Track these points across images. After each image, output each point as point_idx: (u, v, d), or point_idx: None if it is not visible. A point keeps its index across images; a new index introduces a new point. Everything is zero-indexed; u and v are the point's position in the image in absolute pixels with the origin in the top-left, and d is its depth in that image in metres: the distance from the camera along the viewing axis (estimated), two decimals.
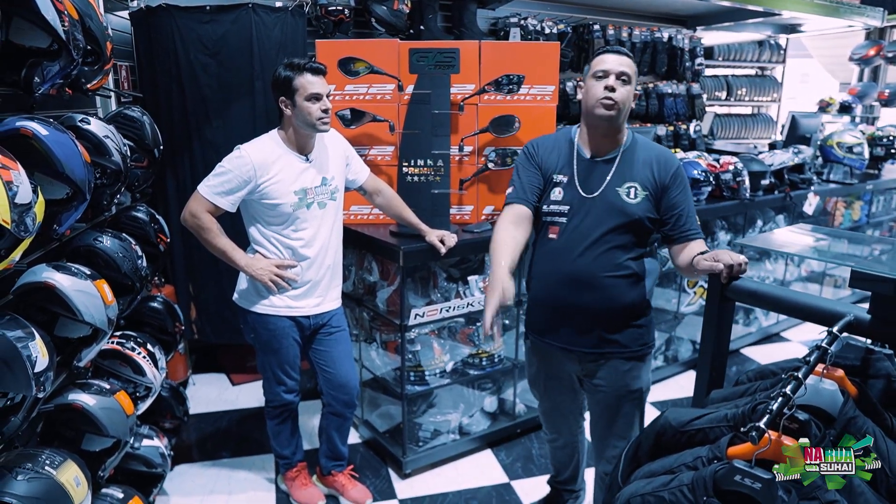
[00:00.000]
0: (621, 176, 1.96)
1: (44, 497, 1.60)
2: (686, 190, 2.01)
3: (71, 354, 1.96)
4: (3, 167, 1.48)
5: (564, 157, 2.04)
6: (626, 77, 1.90)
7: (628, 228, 1.94)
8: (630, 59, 1.94)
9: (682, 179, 2.00)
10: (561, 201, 2.00)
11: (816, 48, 9.41)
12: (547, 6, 4.89)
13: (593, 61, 1.95)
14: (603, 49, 1.97)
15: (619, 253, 1.95)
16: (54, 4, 1.72)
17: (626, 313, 2.01)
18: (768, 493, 1.13)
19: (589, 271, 1.95)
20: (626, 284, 1.97)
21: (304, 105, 2.25)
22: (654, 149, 2.03)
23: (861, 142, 4.49)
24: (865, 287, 1.28)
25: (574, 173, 2.00)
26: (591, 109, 1.93)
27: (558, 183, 2.02)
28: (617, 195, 1.94)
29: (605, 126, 1.95)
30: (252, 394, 3.66)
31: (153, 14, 3.20)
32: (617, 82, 1.89)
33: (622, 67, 1.90)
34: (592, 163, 2.00)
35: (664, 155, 2.01)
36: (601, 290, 1.96)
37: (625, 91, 1.90)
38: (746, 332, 4.43)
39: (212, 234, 2.32)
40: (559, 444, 2.44)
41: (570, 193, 1.99)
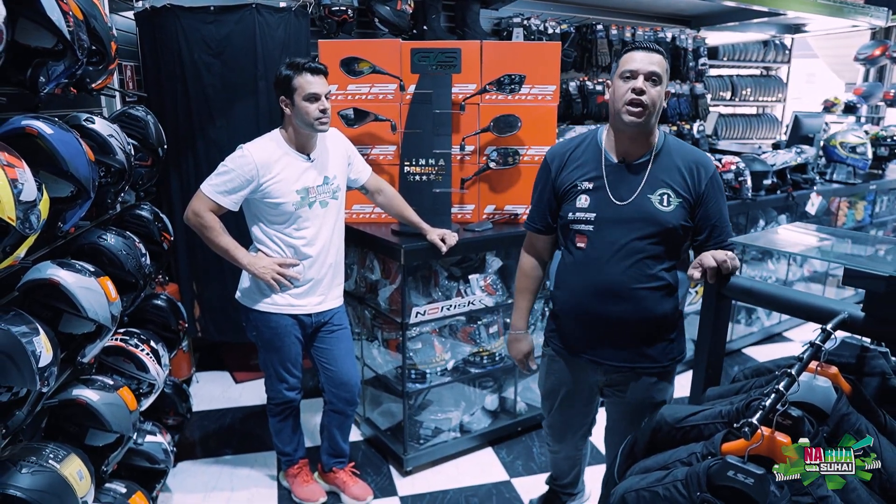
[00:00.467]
0: (653, 182, 1.85)
1: (47, 490, 1.62)
2: (722, 197, 1.90)
3: (75, 350, 1.99)
4: (9, 165, 1.50)
5: (591, 163, 1.92)
6: (657, 77, 1.78)
7: (661, 238, 1.84)
8: (661, 55, 1.81)
9: (719, 186, 1.89)
10: (587, 209, 1.90)
11: (822, 48, 9.37)
12: (550, 6, 4.90)
13: (621, 59, 1.83)
14: (632, 45, 1.83)
15: (652, 263, 1.85)
16: (59, 5, 1.75)
17: (659, 326, 1.92)
18: (761, 489, 1.14)
19: (620, 282, 1.86)
20: (658, 296, 1.88)
21: (302, 105, 2.27)
22: (689, 152, 1.91)
23: (864, 142, 4.49)
24: (858, 284, 1.29)
25: (603, 179, 1.89)
26: (618, 113, 1.81)
27: (584, 190, 1.91)
28: (649, 202, 1.84)
29: (634, 130, 1.83)
30: (255, 391, 3.68)
31: (158, 14, 3.23)
32: (646, 84, 1.77)
33: (652, 66, 1.77)
34: (622, 168, 1.88)
35: (701, 159, 1.89)
36: (633, 301, 1.87)
37: (654, 92, 1.78)
38: (748, 331, 4.42)
39: (214, 232, 2.34)
40: (561, 455, 2.40)
41: (598, 200, 1.89)
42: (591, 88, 4.99)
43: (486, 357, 3.08)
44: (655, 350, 1.94)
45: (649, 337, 1.92)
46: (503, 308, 3.10)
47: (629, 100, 1.77)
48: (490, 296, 2.98)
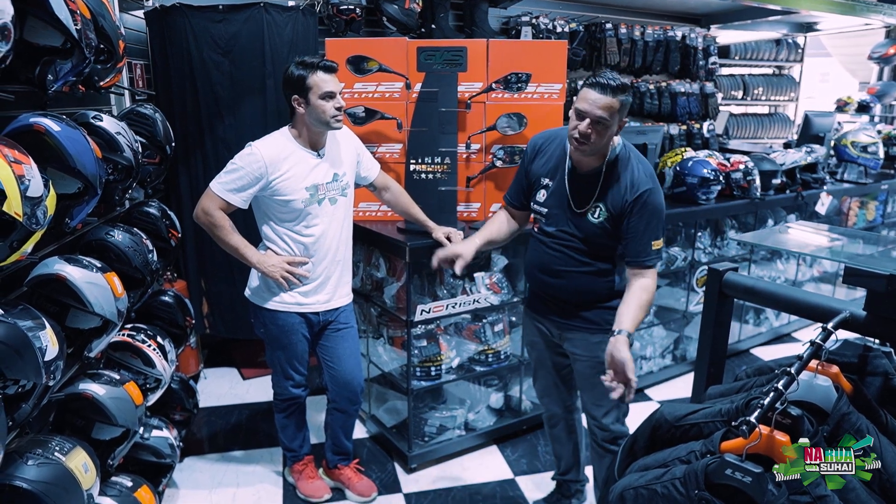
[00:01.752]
0: (594, 195, 2.07)
1: (53, 482, 1.64)
2: (646, 218, 2.02)
3: (82, 345, 2.01)
4: (16, 161, 1.52)
5: (555, 164, 2.16)
6: (605, 122, 1.90)
7: (590, 243, 2.11)
8: (615, 96, 1.89)
9: (644, 206, 2.01)
10: (542, 203, 2.19)
11: (835, 47, 9.28)
12: (559, 5, 4.90)
13: (580, 91, 1.95)
14: (590, 81, 1.93)
15: (583, 256, 2.13)
16: (67, 4, 1.76)
17: (595, 298, 2.17)
18: (758, 487, 1.14)
19: (554, 264, 2.16)
20: (591, 277, 2.15)
21: (318, 103, 2.27)
22: (633, 170, 2.04)
23: (876, 141, 4.45)
24: (859, 283, 1.27)
25: (557, 182, 2.14)
26: (569, 139, 2.01)
27: (545, 186, 2.18)
28: (584, 213, 2.09)
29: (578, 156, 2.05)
30: (262, 388, 3.71)
31: (167, 13, 3.26)
32: (590, 128, 1.91)
33: (599, 112, 1.89)
34: (576, 176, 2.11)
35: (637, 179, 2.02)
36: (566, 279, 2.16)
37: (596, 136, 1.92)
38: (757, 331, 4.40)
39: (224, 231, 2.35)
40: (556, 420, 2.53)
41: (550, 199, 2.16)
42: None
43: (491, 355, 3.08)
44: (594, 314, 2.18)
45: (587, 305, 2.19)
46: (508, 306, 3.10)
47: (575, 136, 1.95)
48: (495, 294, 2.98)
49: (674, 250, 3.76)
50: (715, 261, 3.87)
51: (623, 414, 2.32)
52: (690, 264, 3.82)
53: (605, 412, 2.28)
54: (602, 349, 2.14)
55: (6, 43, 1.52)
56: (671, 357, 3.94)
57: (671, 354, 3.95)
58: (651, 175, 2.06)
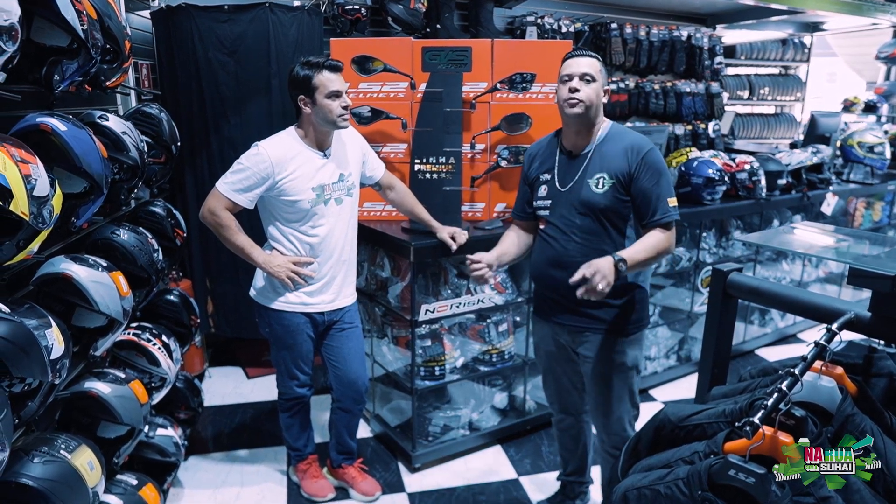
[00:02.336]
0: (593, 168, 2.11)
1: (58, 479, 1.65)
2: (655, 175, 2.07)
3: (88, 344, 2.03)
4: (23, 161, 1.53)
5: (549, 157, 2.24)
6: (590, 77, 2.04)
7: (597, 217, 2.10)
8: (594, 59, 2.07)
9: (651, 165, 2.07)
10: (545, 197, 2.22)
11: (841, 46, 9.25)
12: (564, 5, 4.89)
13: (561, 67, 2.11)
14: (567, 54, 2.11)
15: (594, 239, 2.11)
16: (73, 4, 1.77)
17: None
18: (762, 488, 1.13)
19: (565, 254, 2.15)
20: None
21: (324, 103, 2.27)
22: (628, 137, 2.12)
23: (882, 141, 4.43)
24: (863, 284, 1.27)
25: (554, 171, 2.20)
26: (562, 109, 2.10)
27: (544, 181, 2.23)
28: (587, 187, 2.11)
29: (577, 123, 2.10)
30: (267, 387, 3.72)
31: (173, 13, 3.27)
32: (580, 83, 2.03)
33: (584, 68, 2.04)
34: (569, 159, 2.18)
35: (636, 142, 2.10)
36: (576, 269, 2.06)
37: (589, 90, 2.04)
38: (762, 332, 4.39)
39: (230, 231, 2.35)
40: (565, 424, 2.51)
41: (552, 189, 2.20)
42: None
43: (495, 355, 3.08)
44: (605, 313, 2.17)
45: (597, 302, 2.08)
46: (513, 306, 3.10)
47: (566, 97, 2.06)
48: (500, 294, 2.98)
49: (678, 250, 3.75)
50: (720, 261, 3.86)
51: (633, 418, 2.31)
52: (695, 265, 3.81)
53: (614, 417, 2.26)
54: (615, 351, 2.20)
55: (13, 43, 1.53)
56: (676, 357, 3.93)
57: (675, 355, 3.94)
58: (647, 139, 2.13)
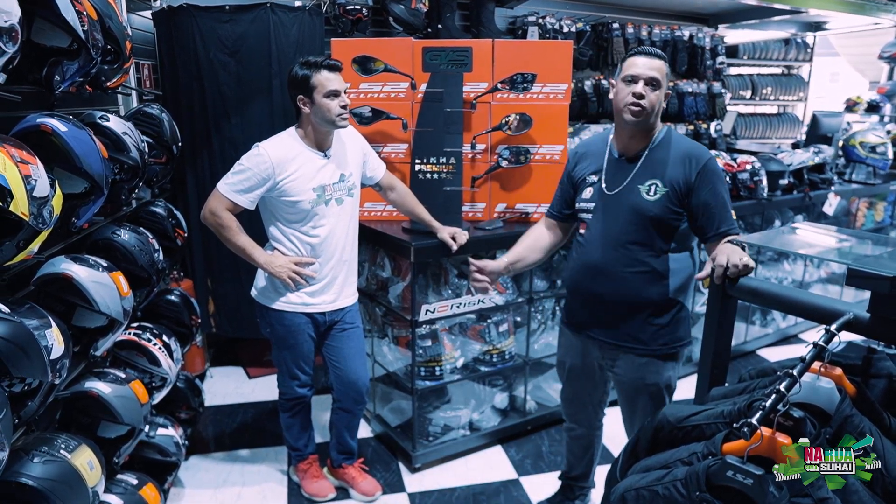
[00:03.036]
0: (645, 174, 2.00)
1: (58, 479, 1.66)
2: (716, 186, 1.97)
3: (88, 344, 2.03)
4: (22, 162, 1.53)
5: (598, 158, 2.13)
6: (656, 82, 1.92)
7: (646, 226, 1.98)
8: (662, 60, 1.95)
9: (711, 175, 1.97)
10: (589, 199, 2.10)
11: (844, 46, 9.21)
12: (566, 5, 4.88)
13: (624, 63, 1.98)
14: (634, 51, 1.99)
15: (638, 249, 2.00)
16: (74, 5, 1.78)
17: (644, 309, 2.04)
18: (759, 489, 1.13)
19: (607, 264, 2.03)
20: (644, 280, 2.01)
21: (323, 102, 2.28)
22: (685, 145, 2.03)
23: (885, 141, 4.41)
24: (862, 285, 1.27)
25: (603, 173, 2.09)
26: (620, 113, 1.97)
27: (591, 183, 2.11)
28: (637, 193, 1.99)
29: (634, 128, 1.99)
30: (268, 387, 3.72)
31: (174, 14, 3.27)
32: (646, 88, 1.92)
33: (652, 72, 1.92)
34: (620, 162, 2.06)
35: (694, 150, 2.00)
36: (617, 282, 2.03)
37: (654, 96, 1.93)
38: (763, 332, 4.38)
39: (231, 231, 2.36)
40: (576, 433, 2.47)
41: (597, 192, 2.08)
42: (606, 87, 4.96)
43: (496, 355, 3.08)
44: (644, 333, 2.06)
45: (636, 319, 2.05)
46: (513, 307, 3.10)
47: (630, 102, 1.93)
48: (500, 294, 2.98)
49: None
50: None
51: None
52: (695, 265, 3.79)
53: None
54: (649, 371, 2.09)
55: (14, 44, 1.54)
56: None
57: None
58: (704, 147, 2.05)
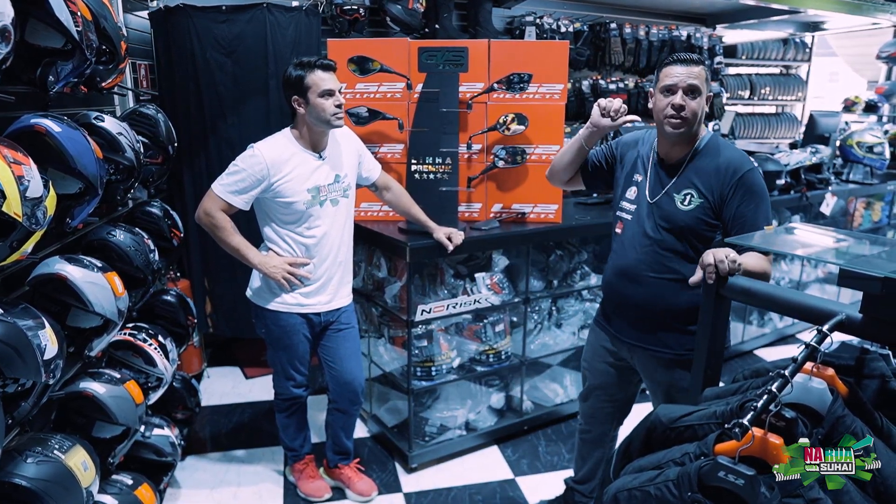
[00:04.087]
0: (682, 183, 1.97)
1: (52, 479, 1.66)
2: (753, 199, 1.90)
3: (83, 344, 2.03)
4: (15, 162, 1.53)
5: (643, 159, 2.10)
6: (696, 90, 1.87)
7: (679, 234, 1.96)
8: (700, 66, 1.89)
9: (749, 188, 1.90)
10: (633, 200, 2.08)
11: (841, 47, 9.23)
12: (563, 4, 4.88)
13: (661, 72, 1.93)
14: (669, 59, 1.92)
15: (671, 256, 1.98)
16: (68, 5, 1.77)
17: (671, 314, 2.02)
18: (751, 490, 1.13)
19: (637, 267, 2.04)
20: (673, 287, 1.99)
21: (317, 102, 2.28)
22: (725, 153, 1.96)
23: (882, 141, 4.42)
24: (854, 286, 1.27)
25: (646, 176, 2.06)
26: (661, 124, 1.94)
27: (636, 182, 2.08)
28: (671, 202, 1.97)
29: (675, 139, 1.95)
30: (265, 387, 3.72)
31: (171, 14, 3.27)
32: (685, 98, 1.87)
33: (691, 80, 1.87)
34: (661, 167, 2.04)
35: (733, 161, 1.93)
36: (646, 286, 2.03)
37: (694, 104, 1.88)
38: (760, 332, 4.38)
39: (226, 232, 2.36)
40: (589, 437, 2.45)
41: (639, 194, 2.07)
42: (604, 87, 4.96)
43: (492, 355, 3.08)
44: (670, 337, 2.04)
45: (663, 323, 2.04)
46: (509, 306, 3.10)
47: (670, 115, 1.89)
48: (496, 294, 2.98)
49: None
50: None
51: None
52: None
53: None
54: (680, 377, 2.06)
55: (6, 44, 1.54)
56: None
57: None
58: (747, 157, 1.98)
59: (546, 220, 3.04)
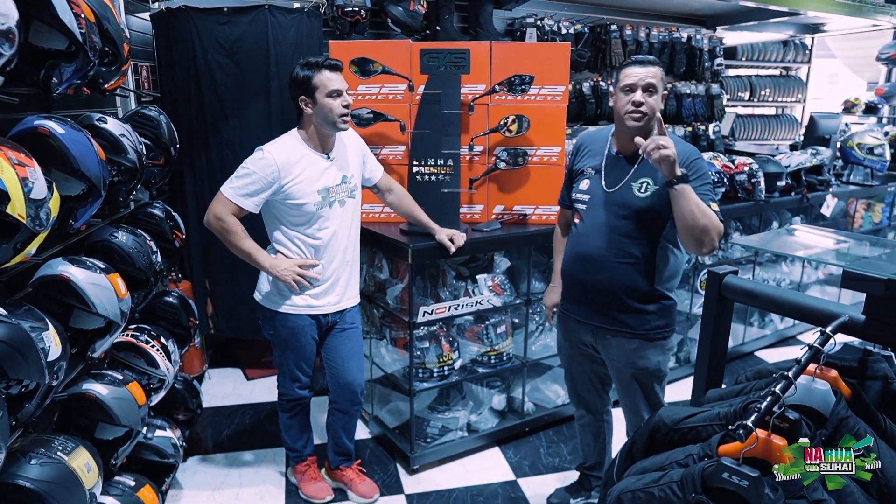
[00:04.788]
0: (639, 173, 2.11)
1: (55, 481, 1.66)
2: (700, 180, 2.05)
3: (85, 345, 2.03)
4: (20, 164, 1.53)
5: (598, 153, 2.24)
6: (653, 87, 2.03)
7: (636, 220, 2.10)
8: (657, 66, 2.06)
9: (696, 170, 2.06)
10: (585, 191, 2.22)
11: (840, 49, 9.22)
12: (564, 6, 4.89)
13: (621, 73, 2.08)
14: (628, 61, 2.09)
15: (628, 241, 2.12)
16: (71, 7, 1.78)
17: (631, 296, 2.16)
18: (755, 491, 1.13)
19: (597, 254, 2.16)
20: (632, 270, 2.14)
21: (325, 102, 2.27)
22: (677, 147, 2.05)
23: (882, 143, 4.42)
24: (857, 287, 1.27)
25: (602, 168, 2.19)
26: (621, 120, 2.08)
27: (588, 176, 2.23)
28: (630, 190, 2.11)
29: (635, 133, 2.06)
30: (266, 388, 3.72)
31: (173, 15, 3.28)
32: (644, 95, 2.02)
33: (648, 79, 2.02)
34: (618, 160, 2.17)
35: (683, 152, 2.08)
36: (606, 271, 2.15)
37: (652, 101, 2.04)
38: (761, 334, 4.38)
39: (237, 236, 2.34)
40: (585, 421, 2.56)
41: (594, 186, 2.20)
42: (604, 89, 4.97)
43: (493, 357, 3.08)
44: (631, 318, 2.18)
45: (623, 305, 2.17)
46: (511, 308, 3.10)
47: (630, 110, 2.04)
48: (498, 296, 2.98)
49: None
50: (719, 263, 3.86)
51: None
52: (694, 266, 3.81)
53: (638, 417, 2.30)
54: (638, 356, 2.21)
55: (10, 46, 1.54)
56: (675, 359, 3.93)
57: (675, 357, 3.93)
58: (694, 148, 2.15)
59: (547, 221, 3.04)
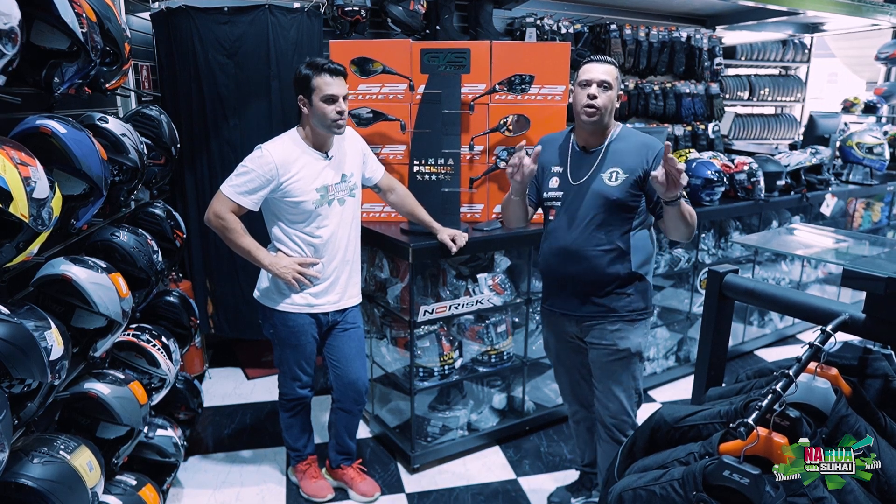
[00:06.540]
0: (607, 164, 2.22)
1: (57, 480, 1.66)
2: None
3: (87, 345, 2.03)
4: (22, 164, 1.54)
5: (561, 151, 2.32)
6: (607, 84, 2.15)
7: (610, 209, 2.19)
8: (613, 66, 2.18)
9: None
10: (557, 188, 2.30)
11: (839, 48, 9.23)
12: (563, 6, 4.89)
13: (579, 70, 2.21)
14: (587, 59, 2.21)
15: (604, 231, 2.21)
16: (73, 7, 1.78)
17: (611, 282, 2.25)
18: (756, 489, 1.14)
19: (574, 246, 2.24)
20: (610, 258, 2.22)
21: (319, 105, 2.28)
22: (640, 137, 2.26)
23: (881, 142, 4.43)
24: (857, 286, 1.28)
25: (567, 165, 2.29)
26: (578, 114, 2.20)
27: (555, 174, 2.31)
28: (600, 181, 2.20)
29: (592, 126, 2.20)
30: (266, 388, 3.73)
31: (173, 15, 3.28)
32: (598, 90, 2.14)
33: (603, 76, 2.14)
34: (582, 155, 2.27)
35: (649, 141, 2.22)
36: (586, 261, 2.23)
37: (606, 97, 2.15)
38: (761, 333, 4.39)
39: (236, 234, 2.36)
40: (579, 416, 2.60)
41: (564, 182, 2.28)
42: None
43: (494, 356, 3.09)
44: (611, 301, 2.27)
45: (605, 292, 2.26)
46: (511, 307, 3.11)
47: (585, 104, 2.15)
48: (498, 295, 2.99)
49: (677, 251, 3.75)
50: (719, 262, 3.87)
51: (635, 404, 2.37)
52: (694, 266, 3.81)
53: (616, 400, 2.34)
54: (619, 337, 2.27)
55: (13, 46, 1.54)
56: (675, 358, 3.94)
57: (674, 356, 3.94)
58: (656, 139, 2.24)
59: None
